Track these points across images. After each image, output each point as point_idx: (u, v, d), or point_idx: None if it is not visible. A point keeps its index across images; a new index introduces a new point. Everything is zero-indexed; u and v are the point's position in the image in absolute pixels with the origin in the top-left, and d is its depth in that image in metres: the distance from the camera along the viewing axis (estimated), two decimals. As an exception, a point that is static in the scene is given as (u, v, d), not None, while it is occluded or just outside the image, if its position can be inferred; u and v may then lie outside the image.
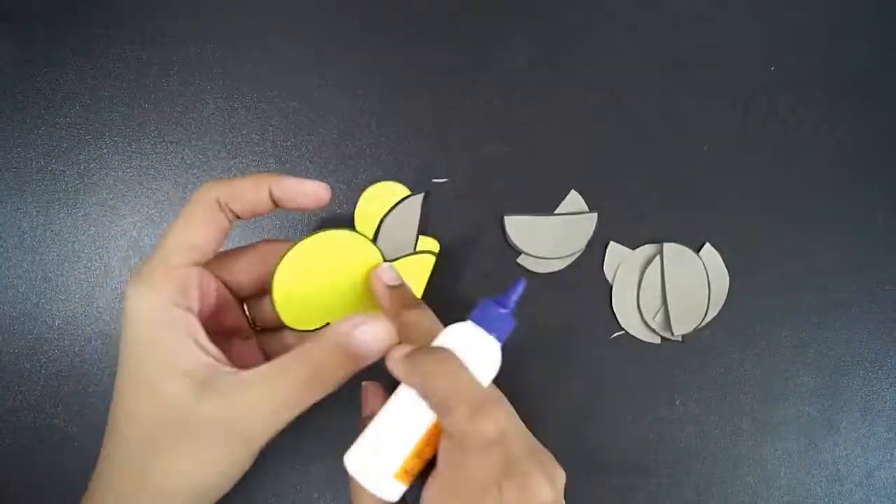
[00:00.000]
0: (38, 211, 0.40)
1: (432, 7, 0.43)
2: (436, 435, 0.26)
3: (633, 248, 0.40)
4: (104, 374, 0.39)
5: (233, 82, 0.42)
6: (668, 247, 0.40)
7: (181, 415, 0.25)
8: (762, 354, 0.39)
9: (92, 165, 0.41)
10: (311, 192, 0.29)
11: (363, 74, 0.42)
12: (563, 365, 0.38)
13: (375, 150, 0.41)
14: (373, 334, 0.27)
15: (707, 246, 0.40)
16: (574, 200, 0.40)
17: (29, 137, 0.41)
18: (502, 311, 0.27)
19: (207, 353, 0.26)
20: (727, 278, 0.39)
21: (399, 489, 0.26)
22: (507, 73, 0.42)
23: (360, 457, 0.26)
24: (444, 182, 0.40)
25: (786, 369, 0.39)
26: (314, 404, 0.27)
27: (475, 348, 0.26)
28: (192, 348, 0.26)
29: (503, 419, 0.24)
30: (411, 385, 0.25)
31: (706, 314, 0.39)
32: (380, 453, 0.25)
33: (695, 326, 0.39)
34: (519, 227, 0.39)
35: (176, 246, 0.27)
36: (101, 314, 0.39)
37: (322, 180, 0.40)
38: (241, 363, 0.27)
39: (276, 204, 0.29)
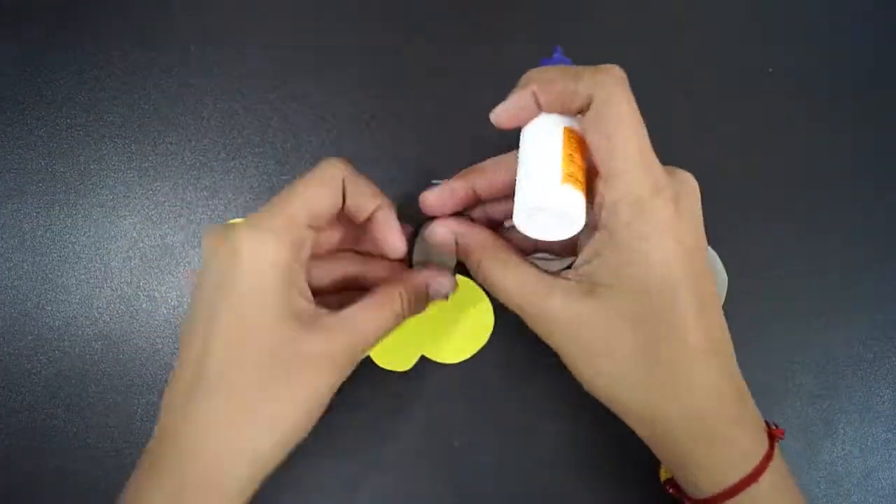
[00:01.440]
0: (38, 212, 0.40)
1: (432, 7, 0.43)
2: (573, 139, 0.27)
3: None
4: (104, 375, 0.39)
5: (233, 84, 0.42)
6: (668, 247, 0.39)
7: (291, 351, 0.27)
8: (762, 354, 0.39)
9: (92, 166, 0.41)
10: (393, 245, 0.31)
11: (363, 75, 0.42)
12: (563, 365, 0.38)
13: (375, 150, 0.41)
14: (444, 283, 0.33)
15: (707, 246, 0.40)
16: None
17: (29, 139, 0.41)
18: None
19: (309, 300, 0.29)
20: (727, 278, 0.39)
21: (578, 201, 0.26)
22: (507, 73, 0.42)
23: (524, 202, 0.26)
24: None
25: (786, 369, 0.39)
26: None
27: None
28: (299, 297, 0.28)
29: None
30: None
31: (706, 315, 0.39)
32: (541, 177, 0.26)
33: (694, 327, 0.39)
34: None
35: (303, 206, 0.28)
36: (101, 315, 0.39)
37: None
38: None
39: (365, 223, 0.31)
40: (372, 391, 0.38)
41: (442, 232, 0.32)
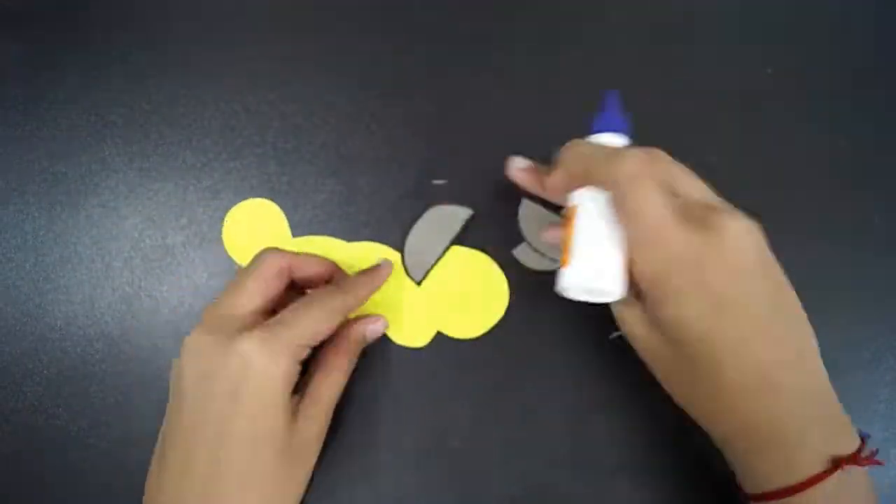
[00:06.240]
0: (40, 212, 0.40)
1: (432, 7, 0.43)
2: None
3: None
4: (105, 375, 0.39)
5: (233, 84, 0.42)
6: (668, 248, 0.40)
7: (290, 444, 0.32)
8: (761, 355, 0.39)
9: (93, 167, 0.41)
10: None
11: (363, 76, 0.42)
12: (563, 365, 0.39)
13: (375, 151, 0.41)
14: (377, 328, 0.37)
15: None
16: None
17: (31, 140, 0.41)
18: (619, 120, 0.33)
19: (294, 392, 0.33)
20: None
21: (622, 283, 0.30)
22: (507, 73, 0.42)
23: (582, 274, 0.30)
24: (444, 184, 0.40)
25: (784, 369, 0.39)
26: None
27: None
28: (291, 398, 0.32)
29: (634, 154, 0.30)
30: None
31: (705, 315, 0.39)
32: (602, 259, 0.30)
33: (694, 327, 0.39)
34: (531, 215, 0.40)
35: (306, 333, 0.32)
36: (102, 315, 0.39)
37: (323, 182, 0.40)
38: None
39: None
40: (372, 391, 0.38)
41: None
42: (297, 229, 0.40)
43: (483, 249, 0.40)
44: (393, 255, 0.39)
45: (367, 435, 0.38)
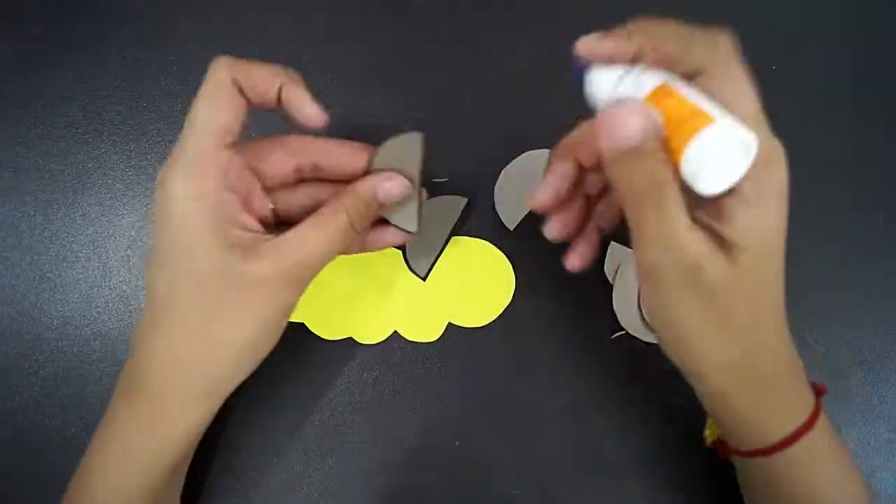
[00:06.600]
0: (36, 210, 0.40)
1: (432, 6, 0.43)
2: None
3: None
4: (103, 374, 0.38)
5: (232, 82, 0.41)
6: (669, 247, 0.39)
7: (233, 278, 0.27)
8: (762, 355, 0.39)
9: (90, 165, 0.41)
10: (309, 115, 0.30)
11: (363, 75, 0.42)
12: (563, 365, 0.38)
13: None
14: (393, 186, 0.31)
15: None
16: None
17: (27, 137, 0.41)
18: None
19: (249, 227, 0.29)
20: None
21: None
22: (507, 73, 0.42)
23: (733, 125, 0.25)
24: (445, 181, 0.40)
25: (786, 369, 0.39)
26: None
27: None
28: (233, 226, 0.28)
29: None
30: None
31: (706, 314, 0.39)
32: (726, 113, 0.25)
33: (695, 326, 0.38)
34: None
35: (208, 130, 0.27)
36: (99, 314, 0.39)
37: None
38: None
39: (279, 105, 0.30)
40: (372, 391, 0.38)
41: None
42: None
43: (485, 239, 0.40)
44: (395, 254, 0.39)
45: (368, 435, 0.38)
